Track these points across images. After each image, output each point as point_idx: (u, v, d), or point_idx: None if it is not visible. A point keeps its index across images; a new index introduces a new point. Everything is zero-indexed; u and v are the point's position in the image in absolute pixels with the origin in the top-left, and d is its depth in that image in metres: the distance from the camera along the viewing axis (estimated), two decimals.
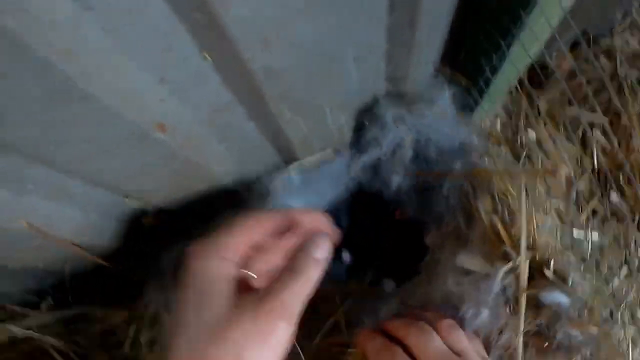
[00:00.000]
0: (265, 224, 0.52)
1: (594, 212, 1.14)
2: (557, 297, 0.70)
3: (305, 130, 0.80)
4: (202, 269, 0.47)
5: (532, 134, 1.10)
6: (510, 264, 0.72)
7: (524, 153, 1.06)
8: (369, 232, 1.04)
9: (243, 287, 0.48)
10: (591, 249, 0.99)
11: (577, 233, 0.97)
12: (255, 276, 0.50)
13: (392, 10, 0.69)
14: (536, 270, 0.74)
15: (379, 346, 0.67)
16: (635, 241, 1.12)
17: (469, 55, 0.87)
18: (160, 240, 0.88)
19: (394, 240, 1.01)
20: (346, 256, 0.95)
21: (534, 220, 0.78)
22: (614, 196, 1.16)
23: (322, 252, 0.51)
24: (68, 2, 0.41)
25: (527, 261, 0.72)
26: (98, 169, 0.64)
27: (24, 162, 0.58)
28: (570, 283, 0.72)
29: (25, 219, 0.67)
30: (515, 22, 0.73)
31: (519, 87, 1.08)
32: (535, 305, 0.72)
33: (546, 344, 0.70)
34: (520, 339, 0.69)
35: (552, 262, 0.74)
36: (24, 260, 0.77)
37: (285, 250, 0.52)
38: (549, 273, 0.73)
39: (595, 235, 1.04)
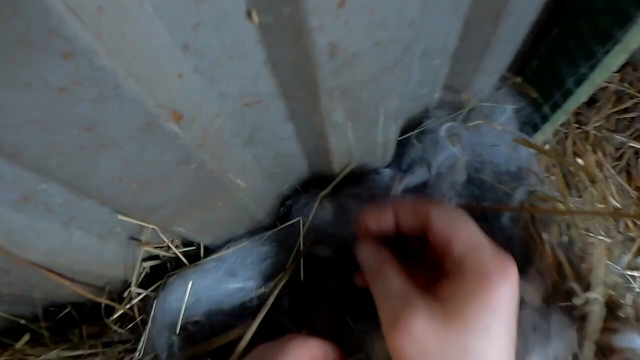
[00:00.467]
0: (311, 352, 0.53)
1: None
2: (635, 341, 0.58)
3: (350, 142, 0.60)
4: None
5: (580, 161, 0.93)
6: (583, 296, 0.60)
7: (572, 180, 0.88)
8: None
9: None
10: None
11: (626, 271, 0.79)
12: None
13: None
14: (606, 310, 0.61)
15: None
16: None
17: (546, 64, 0.70)
18: (160, 270, 0.68)
19: None
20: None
21: (606, 257, 0.65)
22: None
23: None
24: None
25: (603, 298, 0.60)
26: (87, 171, 0.43)
27: None
28: None
29: None
30: (622, 22, 0.56)
31: None
32: (602, 350, 0.60)
33: None
34: None
35: (629, 300, 0.62)
36: None
37: None
38: (626, 313, 0.61)
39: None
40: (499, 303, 0.43)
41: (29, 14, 0.26)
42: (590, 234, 0.71)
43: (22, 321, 0.70)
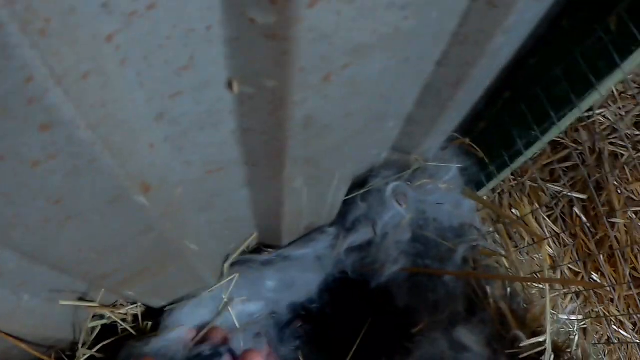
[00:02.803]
0: None
1: (577, 292, 1.06)
2: None
3: (303, 205, 0.58)
4: None
5: (516, 212, 0.97)
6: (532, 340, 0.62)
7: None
8: (347, 329, 0.81)
9: None
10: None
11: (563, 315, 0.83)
12: None
13: (440, 64, 0.52)
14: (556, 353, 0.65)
15: None
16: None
17: (495, 125, 0.73)
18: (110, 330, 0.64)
19: (376, 335, 0.79)
20: None
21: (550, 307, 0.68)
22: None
23: None
24: None
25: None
26: (49, 242, 0.40)
27: None
28: None
29: None
30: (581, 89, 0.61)
31: None
32: None
33: None
34: None
35: (574, 344, 0.67)
36: None
37: None
38: (574, 356, 0.67)
39: (579, 317, 0.94)
40: None
41: (9, 79, 0.24)
42: (534, 285, 0.74)
43: None
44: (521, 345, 0.62)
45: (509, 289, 0.71)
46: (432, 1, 0.37)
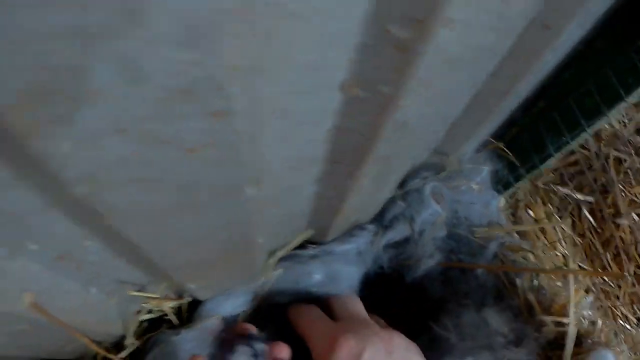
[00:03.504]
0: None
1: (586, 289, 1.08)
2: (606, 357, 0.67)
3: (361, 201, 0.62)
4: None
5: (531, 213, 1.01)
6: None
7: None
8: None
9: None
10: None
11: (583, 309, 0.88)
12: None
13: (492, 75, 0.56)
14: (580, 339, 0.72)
15: None
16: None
17: (528, 131, 0.79)
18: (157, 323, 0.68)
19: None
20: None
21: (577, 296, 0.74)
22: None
23: None
24: None
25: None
26: (155, 233, 0.42)
27: (37, 206, 0.35)
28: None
29: (20, 291, 0.44)
30: (610, 101, 0.67)
31: None
32: None
33: None
34: None
35: (598, 326, 0.73)
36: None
37: None
38: (597, 338, 0.72)
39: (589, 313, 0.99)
40: None
41: (210, 63, 0.25)
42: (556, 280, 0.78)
43: None
44: (545, 328, 0.68)
45: (535, 282, 0.76)
46: (501, 23, 0.41)
